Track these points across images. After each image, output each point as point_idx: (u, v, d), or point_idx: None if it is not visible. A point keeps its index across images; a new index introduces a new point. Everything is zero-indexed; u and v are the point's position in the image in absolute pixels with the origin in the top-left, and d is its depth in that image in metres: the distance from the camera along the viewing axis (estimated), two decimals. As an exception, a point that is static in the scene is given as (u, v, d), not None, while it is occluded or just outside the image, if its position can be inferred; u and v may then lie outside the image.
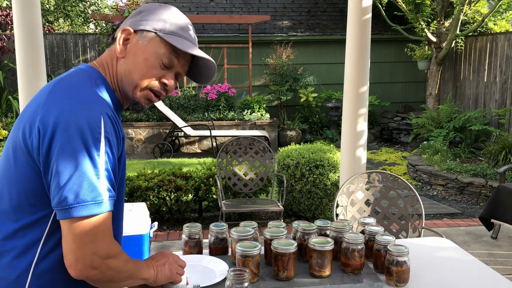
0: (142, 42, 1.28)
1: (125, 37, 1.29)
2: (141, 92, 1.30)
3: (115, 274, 1.18)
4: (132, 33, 1.29)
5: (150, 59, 1.28)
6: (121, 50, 1.29)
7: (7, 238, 1.18)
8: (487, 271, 1.93)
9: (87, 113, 1.13)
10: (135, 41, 1.29)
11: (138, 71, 1.28)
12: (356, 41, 3.61)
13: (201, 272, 1.75)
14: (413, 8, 8.96)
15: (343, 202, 2.97)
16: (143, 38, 1.28)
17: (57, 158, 1.11)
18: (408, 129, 10.03)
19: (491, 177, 6.02)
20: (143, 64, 1.28)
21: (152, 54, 1.28)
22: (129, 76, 1.29)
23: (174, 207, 4.85)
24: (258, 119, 9.26)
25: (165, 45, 1.28)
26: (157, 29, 1.29)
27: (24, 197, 1.17)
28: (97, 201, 1.13)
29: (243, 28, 10.73)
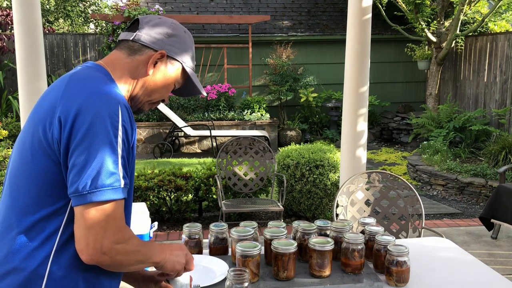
0: (170, 69, 1.41)
1: (156, 58, 1.38)
2: (149, 105, 1.45)
3: (126, 258, 1.21)
4: (164, 58, 1.39)
5: (171, 85, 1.43)
6: (149, 68, 1.37)
7: (27, 230, 1.21)
8: (487, 271, 1.93)
9: (106, 102, 1.20)
10: (165, 66, 1.40)
11: (159, 92, 1.42)
12: (356, 41, 3.61)
13: (201, 272, 1.75)
14: (413, 8, 8.96)
15: (343, 202, 2.97)
16: (172, 66, 1.41)
17: (77, 145, 1.16)
18: (408, 129, 10.03)
19: (491, 177, 6.02)
20: (165, 87, 1.42)
21: (173, 81, 1.43)
22: (149, 92, 1.40)
23: (174, 207, 4.85)
24: (258, 119, 9.26)
25: (183, 77, 1.45)
26: (184, 61, 1.43)
27: (44, 188, 1.21)
28: (115, 187, 1.17)
29: (243, 28, 10.73)
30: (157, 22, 1.40)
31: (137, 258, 1.25)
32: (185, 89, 1.51)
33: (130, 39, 1.38)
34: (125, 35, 1.40)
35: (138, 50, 1.37)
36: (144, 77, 1.38)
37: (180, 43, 1.42)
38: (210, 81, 10.40)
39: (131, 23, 1.43)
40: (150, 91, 1.40)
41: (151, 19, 1.41)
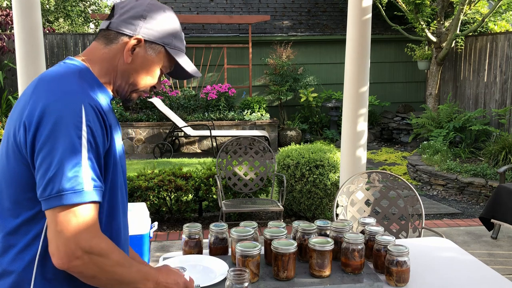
0: (151, 54, 1.33)
1: (133, 44, 1.31)
2: (137, 93, 1.38)
3: (99, 273, 1.16)
4: (142, 43, 1.32)
5: (155, 70, 1.36)
6: (127, 55, 1.31)
7: (10, 233, 1.21)
8: (487, 271, 1.93)
9: (69, 102, 1.16)
10: (144, 51, 1.33)
11: (142, 80, 1.36)
12: (356, 41, 3.61)
13: (201, 272, 1.75)
14: (413, 8, 8.96)
15: (343, 202, 2.97)
16: (152, 50, 1.33)
17: (40, 149, 1.13)
18: (408, 129, 10.03)
19: (491, 177, 6.02)
20: (148, 74, 1.35)
21: (157, 66, 1.36)
22: (132, 80, 1.35)
23: (174, 207, 4.85)
24: (258, 119, 9.26)
25: (169, 59, 1.37)
26: (165, 43, 1.34)
27: (21, 192, 1.19)
28: (76, 190, 1.12)
29: (243, 28, 10.73)
30: (132, 6, 1.32)
31: (114, 277, 1.18)
32: (179, 72, 1.43)
33: (105, 28, 1.32)
34: (102, 24, 1.35)
35: (113, 38, 1.31)
36: (123, 66, 1.32)
37: (158, 24, 1.33)
38: (210, 81, 10.40)
39: (110, 10, 1.36)
40: (132, 79, 1.34)
41: (126, 4, 1.33)
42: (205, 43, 10.32)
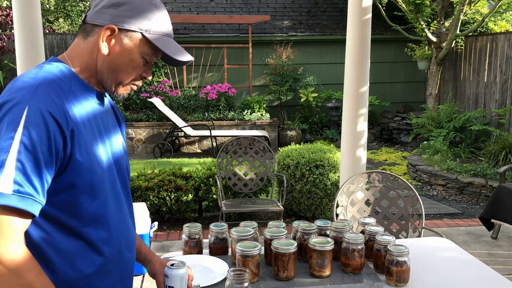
0: (128, 42, 1.26)
1: (107, 34, 1.25)
2: (124, 87, 1.32)
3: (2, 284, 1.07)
4: (116, 31, 1.25)
5: (136, 60, 1.28)
6: (103, 47, 1.25)
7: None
8: (487, 271, 1.93)
9: (14, 103, 1.11)
10: (120, 40, 1.26)
11: (124, 71, 1.29)
12: (356, 41, 3.61)
13: (201, 272, 1.75)
14: (413, 8, 8.96)
15: (343, 202, 2.97)
16: (129, 38, 1.26)
17: None
18: (408, 129, 10.03)
19: (491, 177, 6.02)
20: (129, 64, 1.28)
21: (138, 55, 1.28)
22: (113, 74, 1.28)
23: (174, 207, 4.85)
24: (258, 119, 9.26)
25: (150, 46, 1.28)
26: (143, 29, 1.26)
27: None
28: None
29: (243, 28, 10.73)
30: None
31: None
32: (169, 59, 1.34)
33: (83, 21, 1.28)
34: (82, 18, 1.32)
35: (90, 31, 1.27)
36: (102, 59, 1.26)
37: (133, 10, 1.25)
38: (210, 81, 10.40)
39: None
40: (113, 72, 1.28)
41: None
42: (205, 43, 10.32)
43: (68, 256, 1.23)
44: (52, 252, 1.21)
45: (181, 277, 1.45)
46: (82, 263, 1.24)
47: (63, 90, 1.21)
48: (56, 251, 1.21)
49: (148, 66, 1.33)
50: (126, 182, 1.42)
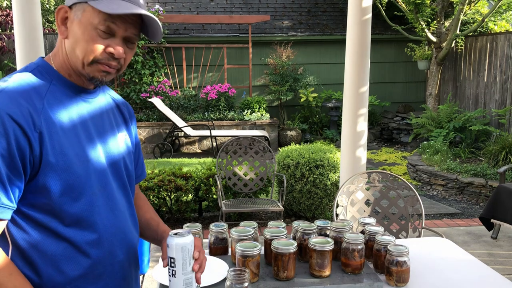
0: (77, 16, 1.21)
1: (62, 16, 1.24)
2: (91, 67, 1.23)
3: None
4: (68, 10, 1.23)
5: (87, 31, 1.20)
6: (62, 31, 1.23)
7: None
8: (487, 271, 1.93)
9: None
10: (72, 17, 1.22)
11: (80, 47, 1.21)
12: (356, 41, 3.61)
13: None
14: (413, 8, 8.96)
15: (343, 202, 2.97)
16: (77, 12, 1.21)
17: None
18: (408, 129, 10.03)
19: (491, 177, 6.02)
20: (82, 38, 1.21)
21: (88, 26, 1.20)
22: (74, 54, 1.23)
23: (174, 207, 4.85)
24: (258, 119, 9.26)
25: (98, 13, 1.20)
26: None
27: None
28: None
29: (243, 28, 10.73)
30: None
31: None
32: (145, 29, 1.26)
33: None
34: None
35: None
36: (65, 45, 1.24)
37: None
38: (210, 81, 10.40)
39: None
40: (74, 52, 1.22)
41: None
42: (205, 43, 10.32)
43: (52, 258, 1.21)
44: (35, 254, 1.20)
45: (182, 247, 1.29)
46: (67, 265, 1.22)
47: (38, 91, 1.20)
48: (40, 253, 1.20)
49: (114, 41, 1.23)
50: (125, 183, 1.38)
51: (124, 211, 1.37)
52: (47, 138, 1.17)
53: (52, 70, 1.26)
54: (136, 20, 1.25)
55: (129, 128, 1.47)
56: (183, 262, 1.29)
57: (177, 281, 1.29)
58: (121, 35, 1.23)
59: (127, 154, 1.41)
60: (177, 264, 1.29)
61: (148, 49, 9.86)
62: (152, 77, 9.83)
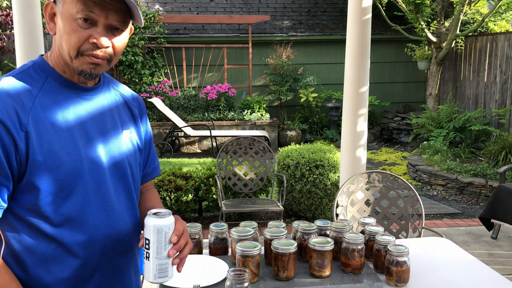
0: (59, 9, 1.19)
1: (50, 12, 1.22)
2: (78, 60, 1.20)
3: None
4: (53, 6, 1.22)
5: (68, 23, 1.17)
6: (51, 27, 1.22)
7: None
8: (487, 271, 1.93)
9: None
10: (56, 12, 1.21)
11: (65, 41, 1.19)
12: (356, 41, 3.61)
13: (201, 272, 1.75)
14: (413, 8, 8.96)
15: (343, 202, 2.97)
16: (59, 5, 1.19)
17: None
18: (408, 129, 10.03)
19: (491, 177, 6.02)
20: (64, 31, 1.18)
21: (68, 17, 1.17)
22: (62, 48, 1.21)
23: (174, 207, 4.85)
24: (258, 119, 9.26)
25: (75, 3, 1.16)
26: None
27: None
28: None
29: (243, 28, 10.73)
30: None
31: None
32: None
33: None
34: None
35: None
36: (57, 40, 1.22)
37: None
38: (210, 81, 10.40)
39: None
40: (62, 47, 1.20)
41: None
42: (205, 43, 10.32)
43: (41, 258, 1.20)
44: (25, 254, 1.20)
45: (158, 229, 1.20)
46: (56, 266, 1.21)
47: (29, 90, 1.19)
48: (29, 253, 1.20)
49: (97, 30, 1.19)
50: (127, 183, 1.35)
51: (123, 212, 1.33)
52: (34, 137, 1.15)
53: (48, 68, 1.24)
54: (119, 6, 1.19)
55: (138, 125, 1.43)
56: (157, 245, 1.20)
57: (150, 265, 1.21)
58: (103, 23, 1.19)
59: (132, 153, 1.38)
60: (151, 246, 1.20)
61: (148, 49, 9.86)
62: (152, 77, 9.84)
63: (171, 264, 1.23)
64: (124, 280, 1.37)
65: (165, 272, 1.22)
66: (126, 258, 1.35)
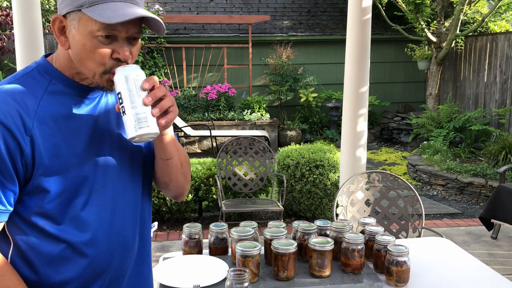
0: (74, 27, 1.15)
1: (59, 27, 1.19)
2: (101, 78, 1.19)
3: None
4: (63, 20, 1.18)
5: (89, 42, 1.14)
6: (62, 42, 1.19)
7: None
8: (487, 271, 1.93)
9: None
10: (69, 27, 1.17)
11: (86, 58, 1.16)
12: (356, 41, 3.61)
13: (201, 272, 1.75)
14: (413, 8, 8.96)
15: (343, 202, 2.97)
16: (73, 22, 1.15)
17: None
18: (408, 129, 10.03)
19: (491, 177, 6.02)
20: (84, 48, 1.15)
21: (87, 36, 1.14)
22: (83, 65, 1.18)
23: (174, 207, 4.85)
24: (258, 119, 9.26)
25: (94, 20, 1.13)
26: (79, 5, 1.13)
27: None
28: None
29: (243, 28, 10.73)
30: None
31: None
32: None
33: None
34: None
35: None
36: (71, 54, 1.19)
37: None
38: (210, 81, 10.40)
39: None
40: (82, 64, 1.18)
41: None
42: (205, 43, 10.32)
43: (49, 259, 1.21)
44: (33, 255, 1.20)
45: (125, 76, 1.15)
46: (65, 266, 1.22)
47: (34, 92, 1.18)
48: (37, 254, 1.20)
49: (118, 44, 1.17)
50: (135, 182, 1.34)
51: (130, 211, 1.33)
52: (40, 140, 1.15)
53: (53, 70, 1.23)
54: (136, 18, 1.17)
55: None
56: (129, 93, 1.14)
57: (128, 118, 1.14)
58: (123, 36, 1.17)
59: (139, 150, 1.37)
60: (124, 97, 1.14)
61: (148, 49, 9.86)
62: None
63: (151, 115, 1.16)
64: (133, 278, 1.37)
65: (145, 122, 1.14)
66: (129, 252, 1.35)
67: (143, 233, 1.40)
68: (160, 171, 1.38)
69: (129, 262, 1.35)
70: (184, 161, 1.41)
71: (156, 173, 1.40)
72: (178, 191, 1.45)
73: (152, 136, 1.17)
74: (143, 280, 1.43)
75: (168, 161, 1.34)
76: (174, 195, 1.47)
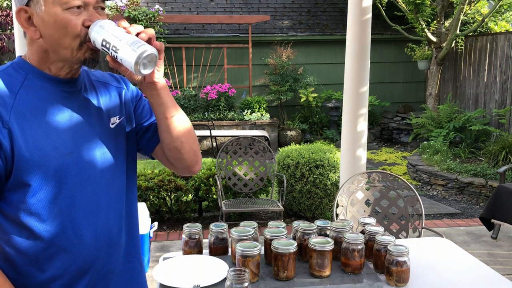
0: (40, 10, 1.15)
1: (25, 18, 1.18)
2: (80, 50, 1.19)
3: None
4: (27, 9, 1.17)
5: (59, 17, 1.15)
6: (32, 32, 1.18)
7: None
8: (487, 271, 1.93)
9: None
10: (35, 14, 1.16)
11: (62, 37, 1.16)
12: (356, 41, 3.61)
13: (201, 272, 1.75)
14: (413, 8, 8.96)
15: (343, 202, 2.97)
16: (37, 6, 1.15)
17: None
18: (408, 129, 10.03)
19: (491, 177, 6.02)
20: (57, 28, 1.15)
21: (57, 11, 1.15)
22: (59, 47, 1.18)
23: (174, 207, 4.85)
24: (258, 119, 9.26)
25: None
26: None
27: None
28: None
29: (243, 28, 10.73)
30: None
31: None
32: None
33: None
34: None
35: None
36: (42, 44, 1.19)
37: None
38: (210, 81, 10.40)
39: None
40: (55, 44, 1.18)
41: None
42: (205, 43, 10.32)
43: (33, 258, 1.19)
44: (15, 255, 1.19)
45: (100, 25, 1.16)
46: (49, 265, 1.20)
47: (10, 87, 1.18)
48: (20, 254, 1.19)
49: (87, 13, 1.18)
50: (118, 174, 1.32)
51: (115, 204, 1.31)
52: (18, 133, 1.15)
53: (28, 66, 1.23)
54: None
55: (122, 106, 1.40)
56: (112, 33, 1.15)
57: (123, 50, 1.14)
58: (92, 2, 1.18)
59: (123, 140, 1.36)
60: (110, 40, 1.14)
61: (148, 49, 9.85)
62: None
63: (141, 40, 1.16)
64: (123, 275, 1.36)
65: (139, 42, 1.14)
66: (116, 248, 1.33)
67: (130, 227, 1.38)
68: (168, 135, 1.32)
69: (116, 258, 1.33)
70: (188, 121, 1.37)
71: (166, 139, 1.34)
72: (192, 158, 1.38)
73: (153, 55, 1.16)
74: (135, 277, 1.41)
75: (174, 117, 1.31)
76: (188, 164, 1.39)
